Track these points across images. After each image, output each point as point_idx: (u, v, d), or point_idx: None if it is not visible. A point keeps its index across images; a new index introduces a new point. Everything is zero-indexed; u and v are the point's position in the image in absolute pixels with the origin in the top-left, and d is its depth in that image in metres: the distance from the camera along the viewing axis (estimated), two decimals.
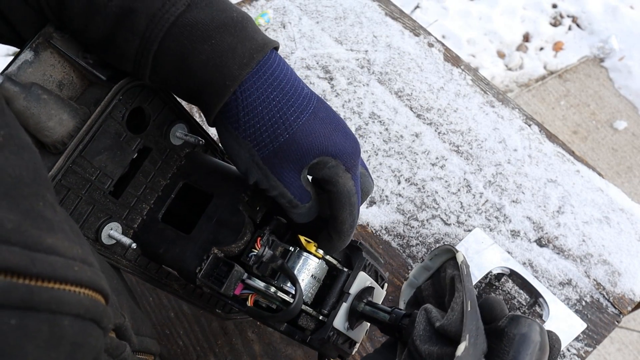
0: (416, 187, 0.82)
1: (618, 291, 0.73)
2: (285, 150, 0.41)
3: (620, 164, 2.04)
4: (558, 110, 2.17)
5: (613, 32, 2.34)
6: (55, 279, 0.24)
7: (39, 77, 0.42)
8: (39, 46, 0.42)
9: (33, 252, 0.23)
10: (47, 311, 0.23)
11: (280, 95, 0.40)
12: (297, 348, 0.69)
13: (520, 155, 0.85)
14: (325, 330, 0.46)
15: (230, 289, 0.45)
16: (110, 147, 0.45)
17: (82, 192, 0.44)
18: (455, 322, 0.38)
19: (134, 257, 0.50)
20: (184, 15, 0.38)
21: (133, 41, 0.38)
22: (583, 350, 0.69)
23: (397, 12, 1.06)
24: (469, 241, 0.75)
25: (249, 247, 0.46)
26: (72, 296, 0.25)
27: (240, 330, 0.70)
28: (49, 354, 0.23)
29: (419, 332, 0.39)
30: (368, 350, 0.69)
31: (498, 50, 2.33)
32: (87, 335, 0.26)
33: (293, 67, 0.96)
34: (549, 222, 0.79)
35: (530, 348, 0.36)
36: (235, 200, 0.47)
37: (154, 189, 0.50)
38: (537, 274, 0.74)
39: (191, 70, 0.39)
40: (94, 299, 0.27)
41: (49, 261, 0.24)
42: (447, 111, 0.90)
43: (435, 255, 0.49)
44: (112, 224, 0.47)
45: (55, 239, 0.25)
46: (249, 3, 1.07)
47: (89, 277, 0.26)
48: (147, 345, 0.42)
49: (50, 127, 0.40)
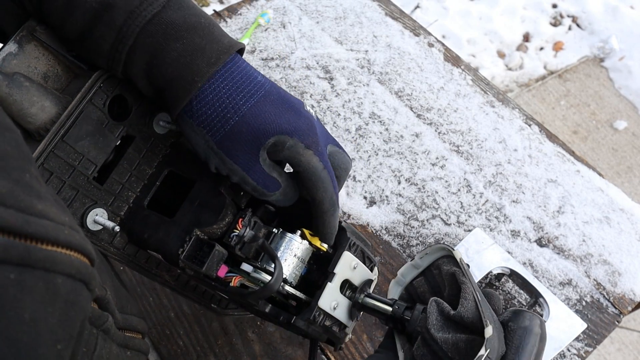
0: (416, 187, 0.82)
1: (618, 291, 0.73)
2: (236, 133, 0.42)
3: (621, 164, 2.04)
4: (558, 110, 2.17)
5: (613, 32, 2.34)
6: (48, 240, 0.25)
7: (23, 69, 0.43)
8: (22, 39, 0.43)
9: (27, 215, 0.25)
10: (42, 269, 0.25)
11: (231, 84, 0.43)
12: (297, 348, 0.69)
13: (521, 155, 0.85)
14: (310, 311, 0.45)
15: (212, 269, 0.45)
16: (92, 133, 0.46)
17: (65, 177, 0.45)
18: (470, 309, 0.41)
19: (122, 244, 0.51)
20: (159, 14, 0.41)
21: (109, 36, 0.41)
22: (583, 350, 0.69)
23: (397, 12, 1.06)
24: (469, 241, 0.75)
25: (231, 228, 0.47)
26: (64, 257, 0.26)
27: (240, 330, 0.70)
28: (45, 308, 0.24)
29: (432, 321, 0.42)
30: (368, 350, 0.69)
31: (498, 50, 2.33)
32: (78, 295, 0.28)
33: (293, 67, 0.96)
34: (549, 222, 0.79)
35: (532, 339, 0.40)
36: (217, 183, 0.48)
37: (139, 177, 0.51)
38: (537, 274, 0.74)
39: (163, 66, 0.41)
40: (83, 262, 0.29)
41: (42, 224, 0.25)
42: (447, 111, 0.90)
43: (426, 254, 0.51)
44: (97, 209, 0.48)
45: (45, 206, 0.26)
46: (249, 3, 1.07)
47: (78, 241, 0.28)
48: (132, 323, 0.43)
49: (32, 113, 0.41)
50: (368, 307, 0.48)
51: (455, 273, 0.46)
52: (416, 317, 0.44)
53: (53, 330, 0.25)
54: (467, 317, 0.41)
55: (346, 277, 0.48)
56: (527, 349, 0.40)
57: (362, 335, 0.70)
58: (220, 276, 0.46)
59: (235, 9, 1.07)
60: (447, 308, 0.43)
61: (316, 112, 0.90)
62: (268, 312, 0.46)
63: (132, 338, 0.43)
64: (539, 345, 0.40)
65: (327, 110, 0.90)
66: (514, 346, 0.40)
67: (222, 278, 0.46)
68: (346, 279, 0.48)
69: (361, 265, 0.49)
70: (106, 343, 0.35)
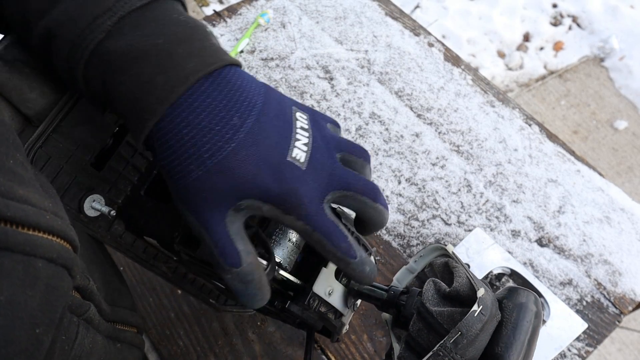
0: (416, 187, 0.82)
1: (619, 291, 0.73)
2: (198, 189, 0.36)
3: (621, 164, 2.04)
4: (558, 110, 2.16)
5: (613, 32, 2.34)
6: (29, 225, 0.25)
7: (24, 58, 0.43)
8: None
9: (6, 199, 0.24)
10: (21, 252, 0.24)
11: (195, 131, 0.35)
12: (297, 348, 0.69)
13: (521, 155, 0.85)
14: (304, 296, 0.45)
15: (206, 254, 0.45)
16: (91, 119, 0.46)
17: (63, 162, 0.45)
18: (464, 285, 0.41)
19: (119, 232, 0.51)
20: (102, 44, 0.35)
21: (62, 66, 0.37)
22: (584, 350, 0.69)
23: (397, 11, 1.06)
24: (470, 241, 0.75)
25: None
26: (44, 241, 0.26)
27: (240, 331, 0.70)
28: (25, 291, 0.24)
29: (428, 297, 0.42)
30: (368, 350, 0.69)
31: (498, 50, 2.33)
32: (60, 280, 0.27)
33: (293, 67, 0.96)
34: (550, 222, 0.79)
35: (528, 316, 0.40)
36: None
37: (136, 166, 0.51)
38: (537, 274, 0.74)
39: (114, 101, 0.37)
40: (65, 247, 0.28)
41: (22, 208, 0.25)
42: (448, 111, 0.90)
43: (420, 256, 0.51)
44: (94, 195, 0.48)
45: (27, 191, 0.26)
46: (248, 3, 1.07)
47: (60, 226, 0.28)
48: (123, 316, 0.43)
49: (32, 98, 0.41)
50: (364, 293, 0.48)
51: (447, 262, 0.46)
52: (412, 301, 0.45)
53: (32, 314, 0.25)
54: (462, 291, 0.41)
55: None
56: (524, 325, 0.40)
57: (362, 335, 0.70)
58: None
59: (235, 9, 1.07)
60: (443, 286, 0.43)
61: None
62: None
63: (122, 330, 0.42)
64: (534, 321, 0.40)
65: (327, 110, 0.90)
66: (510, 323, 0.40)
67: None
68: None
69: None
70: (89, 332, 0.34)
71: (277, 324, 0.71)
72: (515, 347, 0.39)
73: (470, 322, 0.37)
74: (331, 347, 0.69)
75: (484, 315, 0.38)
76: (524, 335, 0.40)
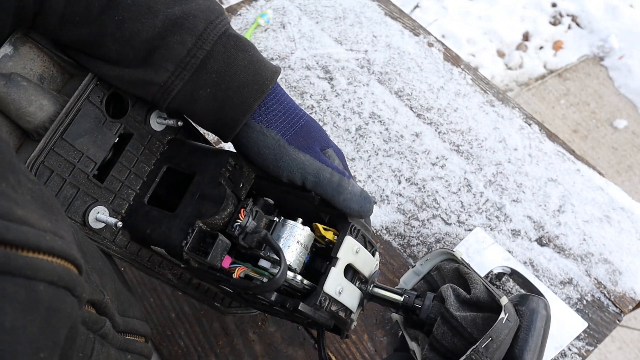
0: (416, 186, 0.82)
1: (619, 290, 0.73)
2: (305, 131, 0.49)
3: (621, 163, 2.04)
4: (558, 109, 2.16)
5: (613, 31, 2.34)
6: (29, 247, 0.25)
7: (19, 71, 0.43)
8: (17, 40, 0.43)
9: (6, 221, 0.24)
10: (23, 276, 0.24)
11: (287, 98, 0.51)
12: (298, 348, 0.69)
13: (521, 154, 0.85)
14: (316, 296, 0.46)
15: (217, 259, 0.45)
16: (91, 130, 0.46)
17: (66, 175, 0.45)
18: (483, 292, 0.46)
19: (124, 243, 0.51)
20: (229, 29, 0.47)
21: (189, 41, 0.45)
22: (584, 349, 0.69)
23: (397, 11, 1.06)
24: (470, 241, 0.75)
25: (233, 218, 0.47)
26: (45, 263, 0.26)
27: (241, 331, 0.70)
28: (26, 316, 0.24)
29: (450, 303, 0.46)
30: (369, 350, 0.69)
31: (498, 49, 2.33)
32: (61, 302, 0.27)
33: (293, 68, 0.96)
34: (550, 221, 0.79)
35: (540, 320, 0.45)
36: (216, 175, 0.49)
37: (138, 175, 0.51)
38: (538, 273, 0.74)
39: (235, 73, 0.46)
40: (67, 268, 0.28)
41: (22, 230, 0.25)
42: (447, 111, 0.90)
43: (426, 260, 0.54)
44: (98, 207, 0.48)
45: (25, 212, 0.26)
46: (248, 3, 1.07)
47: (60, 247, 0.28)
48: (133, 326, 0.43)
49: (31, 112, 0.41)
50: (378, 297, 0.50)
51: (458, 268, 0.49)
52: (428, 305, 0.48)
53: (34, 339, 0.24)
54: (482, 297, 0.45)
55: (349, 262, 0.48)
56: (536, 328, 0.44)
57: (362, 335, 0.70)
58: (224, 267, 0.46)
59: (234, 10, 1.07)
60: (462, 292, 0.47)
61: (316, 112, 0.90)
62: (274, 300, 0.46)
63: (133, 341, 0.42)
64: (545, 325, 0.45)
65: (327, 110, 0.90)
66: (524, 326, 0.44)
67: (226, 269, 0.46)
68: (349, 264, 0.48)
69: (363, 250, 0.50)
70: (104, 347, 0.34)
71: (277, 324, 0.71)
72: (530, 348, 0.44)
73: (499, 328, 0.42)
74: (332, 347, 0.69)
75: (510, 322, 0.42)
76: (537, 338, 0.44)
